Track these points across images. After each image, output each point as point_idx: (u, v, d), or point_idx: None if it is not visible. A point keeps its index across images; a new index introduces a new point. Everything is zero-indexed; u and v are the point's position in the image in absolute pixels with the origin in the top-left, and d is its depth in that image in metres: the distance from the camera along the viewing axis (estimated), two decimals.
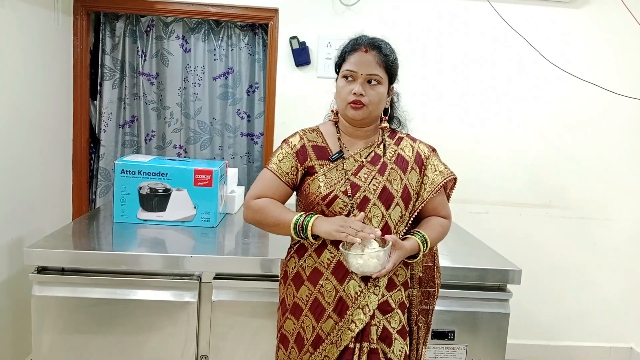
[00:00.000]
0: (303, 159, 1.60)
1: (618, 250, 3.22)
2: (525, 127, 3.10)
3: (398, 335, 1.58)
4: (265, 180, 1.62)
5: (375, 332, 1.54)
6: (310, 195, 1.57)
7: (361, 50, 1.55)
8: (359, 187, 1.55)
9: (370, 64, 1.54)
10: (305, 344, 1.56)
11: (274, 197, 1.60)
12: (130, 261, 1.82)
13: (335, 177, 1.56)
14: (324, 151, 1.61)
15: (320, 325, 1.55)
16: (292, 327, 1.60)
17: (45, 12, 2.66)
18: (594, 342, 3.30)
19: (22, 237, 2.49)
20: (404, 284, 1.62)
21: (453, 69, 3.02)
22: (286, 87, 3.02)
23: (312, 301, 1.56)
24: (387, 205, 1.55)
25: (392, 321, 1.57)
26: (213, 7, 2.95)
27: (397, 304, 1.59)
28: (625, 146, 3.13)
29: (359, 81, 1.54)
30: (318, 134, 1.66)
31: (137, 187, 2.18)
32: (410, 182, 1.59)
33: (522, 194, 3.11)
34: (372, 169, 1.58)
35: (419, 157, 1.63)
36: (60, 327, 1.81)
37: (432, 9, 2.98)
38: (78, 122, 3.02)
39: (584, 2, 3.01)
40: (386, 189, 1.56)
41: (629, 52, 3.04)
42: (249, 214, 1.61)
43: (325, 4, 2.95)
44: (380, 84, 1.56)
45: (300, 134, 1.66)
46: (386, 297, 1.56)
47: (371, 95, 1.54)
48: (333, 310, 1.54)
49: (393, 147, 1.63)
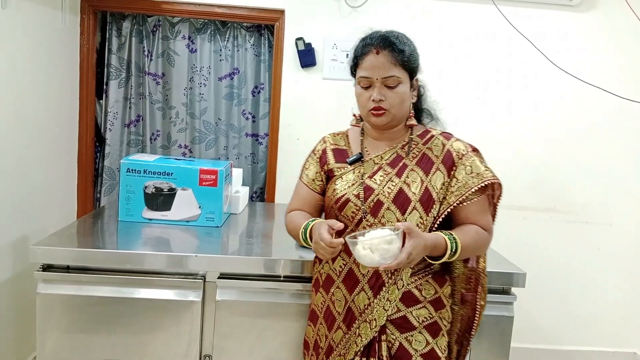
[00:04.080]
0: (323, 163, 1.59)
1: (622, 255, 3.21)
2: (529, 130, 3.09)
3: (422, 359, 1.46)
4: (297, 192, 1.64)
5: (387, 349, 1.45)
6: (327, 199, 1.56)
7: (372, 52, 1.45)
8: (373, 190, 1.47)
9: (383, 66, 1.44)
10: (320, 352, 1.55)
11: (305, 206, 1.60)
12: (135, 260, 1.82)
13: (350, 180, 1.51)
14: (344, 154, 1.58)
15: (332, 335, 1.52)
16: (311, 334, 1.60)
17: (52, 12, 2.67)
18: (598, 347, 3.29)
19: (26, 235, 2.49)
20: (433, 301, 1.48)
21: (457, 71, 3.02)
22: (291, 88, 3.02)
23: (325, 309, 1.55)
24: (403, 210, 1.44)
25: (413, 341, 1.45)
26: (220, 7, 2.96)
27: (421, 323, 1.47)
28: (630, 150, 3.12)
29: (376, 86, 1.45)
30: (343, 137, 1.63)
31: (143, 186, 2.19)
32: (433, 184, 1.46)
33: (526, 198, 3.11)
34: (390, 171, 1.49)
35: (448, 157, 1.49)
36: (64, 324, 1.81)
37: (438, 10, 2.98)
38: (84, 121, 3.03)
39: (590, 6, 3.00)
40: (402, 192, 1.45)
41: (633, 56, 3.04)
42: (286, 227, 1.63)
43: (331, 5, 2.96)
44: (400, 84, 1.46)
45: (325, 138, 1.66)
46: (404, 312, 1.46)
47: (391, 99, 1.45)
48: (342, 320, 1.50)
49: (420, 147, 1.51)
